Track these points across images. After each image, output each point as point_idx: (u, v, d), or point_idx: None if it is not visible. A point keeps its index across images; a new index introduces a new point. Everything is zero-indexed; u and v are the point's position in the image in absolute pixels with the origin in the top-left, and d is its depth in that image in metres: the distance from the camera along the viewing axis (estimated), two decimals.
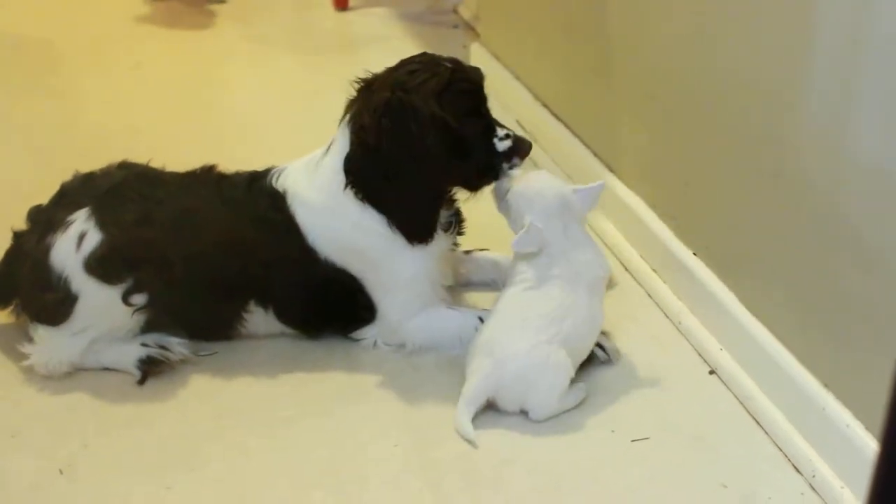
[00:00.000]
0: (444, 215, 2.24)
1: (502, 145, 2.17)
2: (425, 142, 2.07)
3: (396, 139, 2.07)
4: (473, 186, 2.22)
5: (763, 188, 2.01)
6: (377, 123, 2.08)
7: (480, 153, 2.16)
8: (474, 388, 2.02)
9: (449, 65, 2.14)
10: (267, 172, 2.25)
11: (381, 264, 2.19)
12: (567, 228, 2.11)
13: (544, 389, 2.01)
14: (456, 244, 2.34)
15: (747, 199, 2.09)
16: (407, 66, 2.14)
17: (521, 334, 2.02)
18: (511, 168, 2.18)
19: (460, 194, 2.26)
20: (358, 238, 2.17)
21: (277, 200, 2.19)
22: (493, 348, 2.03)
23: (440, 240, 2.22)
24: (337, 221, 2.17)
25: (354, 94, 2.18)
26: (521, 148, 2.18)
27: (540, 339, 2.01)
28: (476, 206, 2.33)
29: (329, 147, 2.20)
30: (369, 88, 2.15)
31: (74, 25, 4.27)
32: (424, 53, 2.19)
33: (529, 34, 3.18)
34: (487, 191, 2.22)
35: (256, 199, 2.20)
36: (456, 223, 2.29)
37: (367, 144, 2.09)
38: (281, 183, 2.21)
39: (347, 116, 2.16)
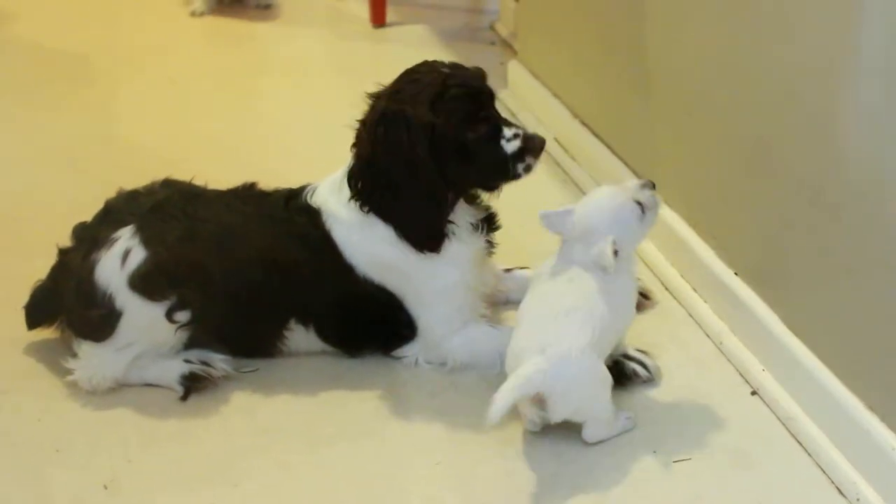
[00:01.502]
0: (472, 216, 2.23)
1: (511, 146, 2.14)
2: (417, 149, 2.08)
3: (388, 148, 2.09)
4: (489, 188, 2.22)
5: (805, 205, 2.00)
6: (372, 134, 2.10)
7: (487, 156, 2.14)
8: (526, 379, 1.89)
9: (445, 70, 2.14)
10: (302, 189, 2.27)
11: (414, 276, 2.20)
12: None
13: (597, 402, 1.98)
14: (491, 242, 2.29)
15: (789, 216, 2.08)
16: (408, 77, 2.15)
17: (565, 331, 1.94)
18: (526, 170, 2.15)
19: (483, 195, 2.25)
20: (387, 251, 2.18)
21: (314, 217, 2.21)
22: (544, 347, 1.92)
23: (471, 242, 2.22)
24: (366, 236, 2.18)
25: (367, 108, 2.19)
26: (532, 147, 2.15)
27: (585, 340, 1.93)
28: (515, 224, 2.33)
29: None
30: (376, 102, 2.17)
31: (110, 40, 4.30)
32: (425, 62, 2.19)
33: (567, 51, 3.18)
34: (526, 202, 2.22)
35: (294, 217, 2.22)
36: (486, 224, 2.27)
37: (363, 156, 2.12)
38: (315, 200, 2.22)
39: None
